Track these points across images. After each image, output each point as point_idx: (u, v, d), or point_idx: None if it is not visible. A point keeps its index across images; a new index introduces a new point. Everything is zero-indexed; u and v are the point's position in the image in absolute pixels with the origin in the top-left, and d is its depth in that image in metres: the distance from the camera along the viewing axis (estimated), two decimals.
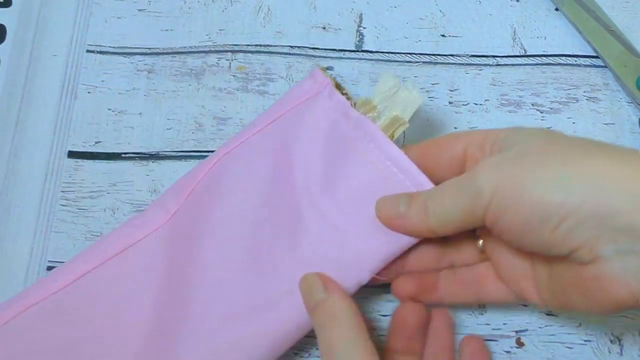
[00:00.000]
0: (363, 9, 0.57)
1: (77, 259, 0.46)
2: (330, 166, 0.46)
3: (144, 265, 0.45)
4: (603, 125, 0.54)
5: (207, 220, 0.46)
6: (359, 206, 0.44)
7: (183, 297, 0.44)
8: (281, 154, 0.47)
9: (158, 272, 0.45)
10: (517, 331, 0.48)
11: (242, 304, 0.44)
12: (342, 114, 0.46)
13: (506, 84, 0.55)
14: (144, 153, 0.53)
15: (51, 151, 0.53)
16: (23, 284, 0.50)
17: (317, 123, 0.47)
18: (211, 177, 0.47)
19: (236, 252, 0.45)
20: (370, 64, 0.56)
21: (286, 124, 0.47)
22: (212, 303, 0.44)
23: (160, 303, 0.44)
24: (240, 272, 0.45)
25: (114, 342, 0.44)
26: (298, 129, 0.47)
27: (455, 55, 0.56)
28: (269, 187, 0.46)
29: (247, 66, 0.56)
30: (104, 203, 0.52)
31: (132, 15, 0.57)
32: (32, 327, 0.43)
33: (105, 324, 0.44)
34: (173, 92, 0.55)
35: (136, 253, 0.46)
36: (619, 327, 0.49)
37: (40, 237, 0.51)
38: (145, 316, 0.44)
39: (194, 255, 0.45)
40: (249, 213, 0.46)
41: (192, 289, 0.44)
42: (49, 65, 0.56)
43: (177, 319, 0.44)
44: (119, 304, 0.44)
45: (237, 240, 0.46)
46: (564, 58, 0.56)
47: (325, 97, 0.47)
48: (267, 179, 0.46)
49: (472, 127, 0.54)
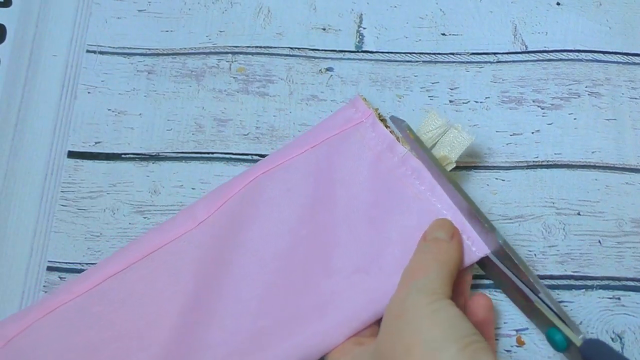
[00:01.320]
0: (363, 9, 0.57)
1: (103, 263, 0.46)
2: (375, 198, 0.47)
3: (169, 271, 0.46)
4: (604, 121, 0.53)
5: (238, 235, 0.47)
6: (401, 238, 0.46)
7: (210, 306, 0.45)
8: (322, 181, 0.48)
9: (184, 279, 0.45)
10: (517, 330, 0.48)
11: (270, 321, 0.44)
12: (387, 148, 0.48)
13: (507, 81, 0.55)
14: (144, 154, 0.53)
15: (51, 151, 0.53)
16: (23, 283, 0.50)
17: (360, 154, 0.48)
18: (247, 193, 0.48)
19: (269, 268, 0.46)
20: (370, 65, 0.56)
21: (328, 151, 0.49)
22: (239, 318, 0.44)
23: (186, 310, 0.45)
24: (269, 289, 0.45)
25: (137, 345, 0.44)
26: (340, 158, 0.48)
27: (456, 53, 0.56)
28: (307, 211, 0.47)
29: (247, 68, 0.56)
30: (103, 203, 0.52)
31: (132, 16, 0.57)
32: (56, 330, 0.44)
33: (129, 328, 0.44)
34: (173, 93, 0.55)
35: (161, 258, 0.46)
36: (620, 325, 0.48)
37: (40, 237, 0.51)
38: (168, 322, 0.44)
39: (223, 267, 0.46)
40: (285, 233, 0.47)
41: (218, 302, 0.45)
42: (49, 65, 0.56)
43: (203, 329, 0.44)
44: (142, 308, 0.45)
45: (270, 256, 0.46)
46: (566, 53, 0.55)
47: (368, 128, 0.49)
48: (306, 204, 0.48)
49: (473, 125, 0.53)
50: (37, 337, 0.43)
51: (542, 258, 0.50)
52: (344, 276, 0.45)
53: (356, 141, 0.49)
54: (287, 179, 0.48)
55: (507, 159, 0.52)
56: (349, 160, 0.48)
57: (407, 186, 0.47)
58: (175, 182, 0.52)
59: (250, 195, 0.48)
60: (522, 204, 0.51)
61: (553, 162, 0.52)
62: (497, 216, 0.51)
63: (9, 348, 0.43)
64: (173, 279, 0.45)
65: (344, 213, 0.47)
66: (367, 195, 0.47)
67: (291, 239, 0.46)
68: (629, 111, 0.53)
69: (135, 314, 0.44)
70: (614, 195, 0.51)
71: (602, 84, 0.54)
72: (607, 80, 0.54)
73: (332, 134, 0.49)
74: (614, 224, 0.50)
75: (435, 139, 0.48)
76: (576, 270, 0.49)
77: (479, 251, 0.45)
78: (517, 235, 0.50)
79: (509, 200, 0.51)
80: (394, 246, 0.46)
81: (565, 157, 0.52)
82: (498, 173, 0.52)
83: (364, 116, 0.49)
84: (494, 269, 0.46)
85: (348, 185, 0.47)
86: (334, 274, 0.45)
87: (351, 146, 0.48)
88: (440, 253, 0.43)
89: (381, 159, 0.48)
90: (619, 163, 0.52)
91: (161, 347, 0.43)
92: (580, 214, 0.51)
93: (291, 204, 0.47)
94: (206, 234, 0.47)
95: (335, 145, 0.49)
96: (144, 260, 0.46)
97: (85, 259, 0.50)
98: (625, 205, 0.51)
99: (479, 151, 0.52)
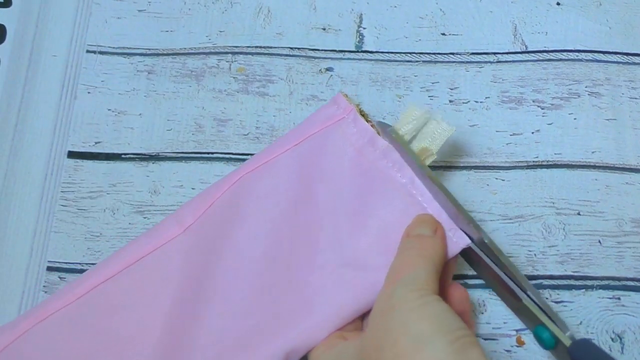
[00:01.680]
0: (363, 9, 0.57)
1: (91, 271, 0.46)
2: (357, 192, 0.47)
3: (158, 277, 0.46)
4: (604, 121, 0.53)
5: (225, 237, 0.47)
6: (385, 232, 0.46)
7: (197, 310, 0.45)
8: (306, 178, 0.48)
9: (172, 284, 0.45)
10: (517, 330, 0.48)
11: (258, 320, 0.44)
12: (369, 142, 0.48)
13: (507, 81, 0.55)
14: (144, 154, 0.53)
15: (51, 151, 0.53)
16: (23, 283, 0.50)
17: (342, 149, 0.48)
18: (231, 194, 0.48)
19: (256, 268, 0.46)
20: (370, 64, 0.56)
21: (310, 148, 0.49)
22: (227, 318, 0.45)
23: (174, 315, 0.45)
24: (256, 288, 0.45)
25: (128, 353, 0.44)
26: (323, 154, 0.48)
27: (456, 53, 0.56)
28: (292, 209, 0.47)
29: (247, 68, 0.56)
30: (103, 203, 0.52)
31: (132, 16, 0.57)
32: (49, 338, 0.44)
33: (119, 335, 0.44)
34: (173, 93, 0.55)
35: (150, 264, 0.46)
36: (620, 325, 0.48)
37: (40, 237, 0.51)
38: (160, 326, 0.44)
39: (211, 270, 0.46)
40: (270, 232, 0.47)
41: (207, 304, 0.45)
42: (49, 65, 0.56)
43: (191, 333, 0.44)
44: (134, 313, 0.45)
45: (257, 257, 0.46)
46: (566, 53, 0.55)
47: (350, 124, 0.49)
48: (290, 201, 0.48)
49: (473, 125, 0.53)
50: (31, 345, 0.43)
51: (542, 258, 0.50)
52: (330, 271, 0.45)
53: (338, 137, 0.48)
54: (270, 178, 0.48)
55: (507, 159, 0.52)
56: (331, 157, 0.48)
57: (389, 179, 0.47)
58: (175, 182, 0.52)
59: (235, 197, 0.48)
60: (522, 204, 0.51)
61: (553, 162, 0.52)
62: (497, 216, 0.51)
63: (2, 357, 0.43)
64: (163, 284, 0.45)
65: (328, 209, 0.47)
66: (349, 191, 0.47)
67: (277, 237, 0.47)
68: (629, 111, 0.53)
69: (127, 320, 0.44)
70: (614, 195, 0.51)
71: (602, 84, 0.54)
72: (607, 80, 0.54)
73: (314, 131, 0.49)
74: (614, 224, 0.50)
75: (414, 131, 0.48)
76: (576, 270, 0.49)
77: (460, 242, 0.45)
78: (517, 235, 0.50)
79: (509, 200, 0.51)
80: (377, 240, 0.46)
81: (565, 157, 0.52)
82: (498, 173, 0.52)
83: (345, 112, 0.49)
84: (481, 264, 0.46)
85: (331, 182, 0.48)
86: (319, 270, 0.45)
87: (333, 143, 0.48)
88: (424, 249, 0.43)
89: (363, 153, 0.48)
90: (619, 163, 0.52)
91: (154, 350, 0.44)
92: (580, 214, 0.51)
93: (276, 203, 0.47)
94: (193, 238, 0.47)
95: (318, 142, 0.49)
96: (133, 267, 0.46)
97: (85, 259, 0.50)
98: (625, 205, 0.51)
99: (479, 151, 0.52)
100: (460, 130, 0.53)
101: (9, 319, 0.47)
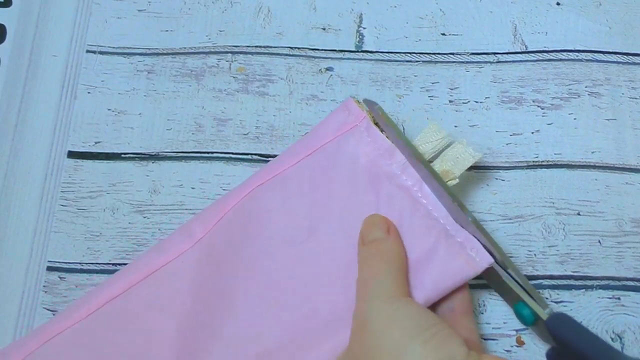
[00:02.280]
0: (363, 9, 0.57)
1: (102, 286, 0.46)
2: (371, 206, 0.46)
3: (169, 291, 0.45)
4: (604, 121, 0.53)
5: (237, 251, 0.46)
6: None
7: (208, 326, 0.44)
8: (318, 190, 0.47)
9: (183, 299, 0.45)
10: (517, 330, 0.48)
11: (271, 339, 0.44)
12: (385, 154, 0.47)
13: (507, 81, 0.55)
14: (144, 153, 0.53)
15: (51, 151, 0.53)
16: (23, 283, 0.50)
17: (356, 160, 0.47)
18: (243, 207, 0.47)
19: (268, 284, 0.45)
20: (370, 64, 0.56)
21: (323, 159, 0.48)
22: (239, 336, 0.44)
23: (186, 329, 0.44)
24: (271, 304, 0.45)
25: None
26: (336, 165, 0.47)
27: (456, 53, 0.56)
28: (304, 222, 0.47)
29: (247, 67, 0.56)
30: (103, 203, 0.52)
31: (132, 16, 0.57)
32: (59, 356, 0.43)
33: (130, 352, 0.44)
34: (173, 93, 0.55)
35: (160, 279, 0.46)
36: (620, 325, 0.48)
37: (40, 237, 0.51)
38: (169, 342, 0.44)
39: (223, 284, 0.45)
40: (282, 247, 0.46)
41: (220, 319, 0.44)
42: (49, 65, 0.56)
43: (202, 349, 0.44)
44: (144, 330, 0.44)
45: (268, 272, 0.46)
46: (565, 53, 0.55)
47: (363, 132, 0.48)
48: (303, 215, 0.47)
49: (472, 125, 0.53)
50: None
51: (542, 258, 0.50)
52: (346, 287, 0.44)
53: (351, 147, 0.48)
54: (282, 191, 0.47)
55: (507, 159, 0.52)
56: (344, 168, 0.47)
57: (407, 197, 0.46)
58: (175, 181, 0.52)
59: (247, 210, 0.47)
60: (522, 204, 0.51)
61: (553, 162, 0.52)
62: (497, 216, 0.51)
63: None
64: (172, 299, 0.45)
65: (341, 222, 0.46)
66: (363, 203, 0.46)
67: (289, 252, 0.46)
68: (629, 111, 0.53)
69: (137, 336, 0.44)
70: (614, 195, 0.51)
71: (602, 84, 0.54)
72: (607, 80, 0.54)
73: (327, 140, 0.48)
74: (614, 224, 0.50)
75: (436, 151, 0.47)
76: (576, 270, 0.49)
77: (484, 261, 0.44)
78: (517, 235, 0.50)
79: (509, 200, 0.51)
80: None
81: (565, 157, 0.52)
82: (498, 173, 0.52)
83: (358, 119, 0.48)
84: None
85: (344, 194, 0.47)
86: (334, 286, 0.44)
87: (346, 153, 0.47)
88: (383, 253, 0.43)
89: (379, 166, 0.47)
90: (619, 163, 0.52)
91: None
92: (580, 214, 0.51)
93: (288, 216, 0.46)
94: (203, 252, 0.46)
95: (330, 153, 0.48)
96: (143, 282, 0.45)
97: (85, 258, 0.50)
98: (625, 205, 0.51)
99: (479, 151, 0.52)
100: (460, 130, 0.53)
101: (9, 318, 0.48)
